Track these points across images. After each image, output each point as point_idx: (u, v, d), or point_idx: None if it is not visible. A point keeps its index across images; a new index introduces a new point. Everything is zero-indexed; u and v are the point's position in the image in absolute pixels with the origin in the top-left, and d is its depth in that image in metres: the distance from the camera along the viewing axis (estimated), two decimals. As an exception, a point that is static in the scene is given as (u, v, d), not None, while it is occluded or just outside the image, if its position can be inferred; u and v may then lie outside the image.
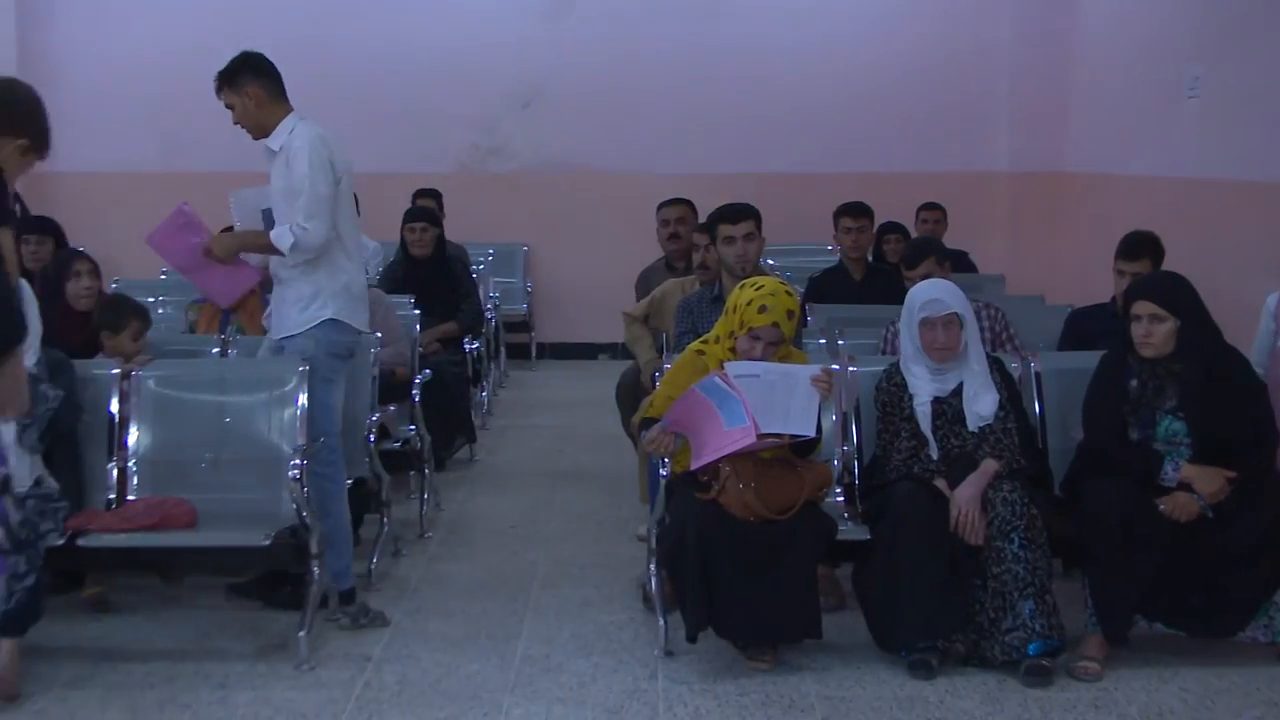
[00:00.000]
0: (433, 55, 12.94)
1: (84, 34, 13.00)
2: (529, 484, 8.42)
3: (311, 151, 5.85)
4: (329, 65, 12.89)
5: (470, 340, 9.34)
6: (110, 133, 12.89)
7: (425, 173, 12.28)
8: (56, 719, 4.97)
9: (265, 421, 5.95)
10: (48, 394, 5.51)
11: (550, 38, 13.01)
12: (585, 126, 13.02)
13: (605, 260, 12.64)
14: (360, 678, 5.33)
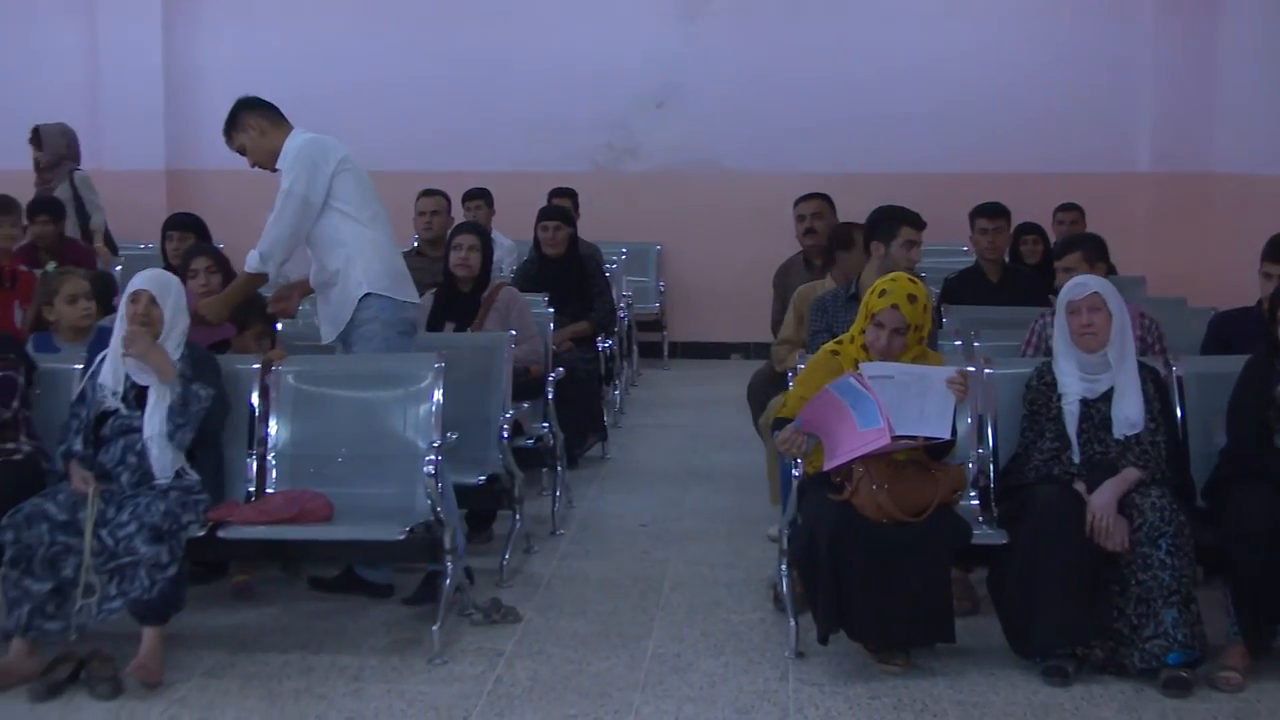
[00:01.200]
0: (569, 55, 13.00)
1: (226, 40, 13.27)
2: (660, 482, 8.43)
3: (298, 153, 6.18)
4: (465, 66, 13.04)
5: (603, 339, 9.37)
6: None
7: (560, 171, 12.34)
8: (196, 707, 5.05)
9: (400, 418, 6.00)
10: (199, 393, 5.61)
11: (685, 37, 13.03)
12: (719, 125, 13.01)
13: (738, 260, 12.62)
14: (492, 673, 5.36)
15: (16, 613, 5.23)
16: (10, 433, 5.76)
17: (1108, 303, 5.54)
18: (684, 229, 13.12)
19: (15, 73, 13.50)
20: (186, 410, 5.56)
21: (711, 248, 13.05)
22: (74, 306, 6.60)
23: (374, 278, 6.20)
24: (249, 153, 6.29)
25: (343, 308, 6.21)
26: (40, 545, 5.27)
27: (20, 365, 5.82)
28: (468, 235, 7.85)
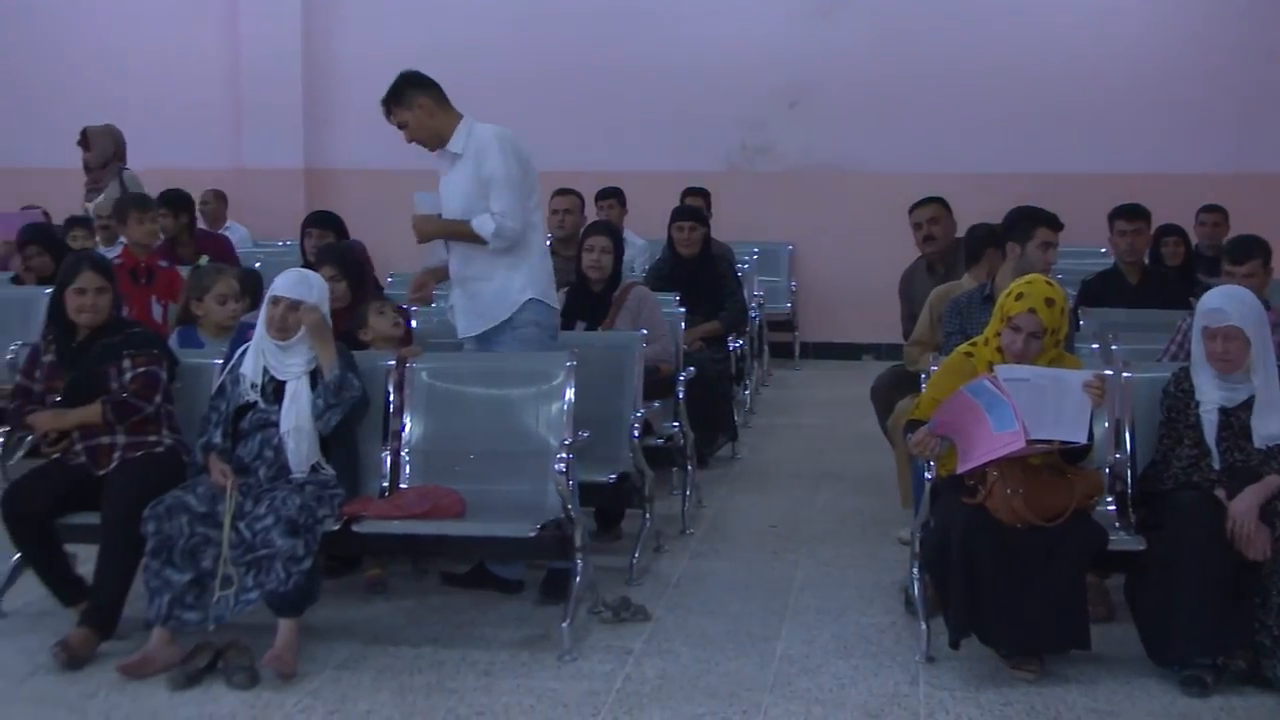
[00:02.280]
0: (703, 54, 13.02)
1: (365, 37, 13.45)
2: (790, 483, 8.40)
3: (500, 143, 6.14)
4: (600, 64, 13.09)
5: (734, 338, 9.35)
6: (392, 131, 13.26)
7: (693, 171, 12.35)
8: (329, 699, 5.12)
9: (533, 415, 6.04)
10: (353, 382, 5.70)
11: (819, 36, 12.98)
12: (853, 126, 12.95)
13: (871, 261, 12.52)
14: (621, 671, 5.37)
15: (157, 602, 5.33)
16: (152, 426, 5.87)
17: (1245, 331, 5.40)
18: (816, 229, 13.07)
19: (160, 72, 13.80)
20: (340, 394, 5.65)
21: (844, 248, 12.99)
22: (224, 307, 6.71)
23: (538, 283, 6.26)
24: (411, 130, 6.27)
25: (498, 307, 6.23)
26: (180, 537, 5.37)
27: (162, 360, 5.93)
28: (600, 237, 7.87)
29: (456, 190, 6.22)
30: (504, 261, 6.21)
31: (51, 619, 5.76)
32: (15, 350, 7.95)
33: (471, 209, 6.16)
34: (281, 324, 5.72)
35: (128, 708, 5.00)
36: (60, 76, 13.94)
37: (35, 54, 14.07)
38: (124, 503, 5.51)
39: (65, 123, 13.24)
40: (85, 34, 14.04)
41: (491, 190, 6.12)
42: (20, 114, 13.80)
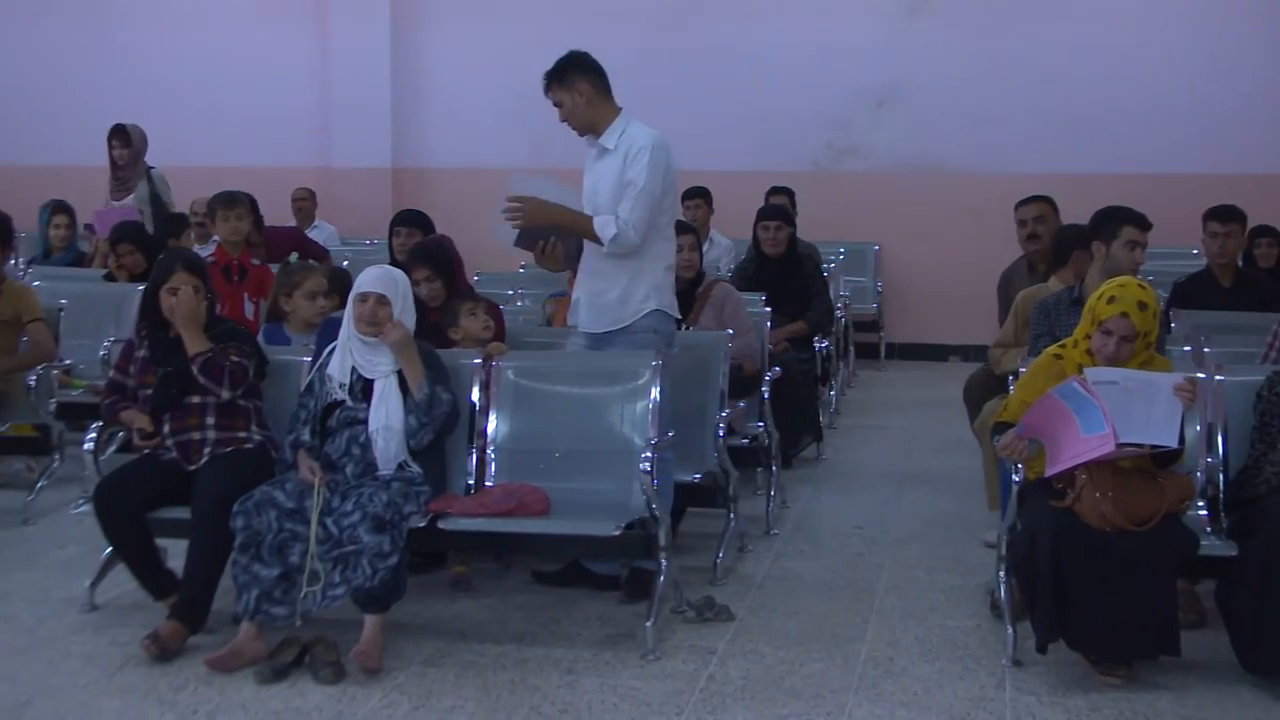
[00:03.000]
0: (789, 53, 12.99)
1: (454, 36, 13.52)
2: (875, 485, 8.36)
3: (654, 153, 6.08)
4: (686, 64, 13.11)
5: (820, 339, 9.32)
6: (479, 130, 13.38)
7: (779, 170, 12.34)
8: (414, 694, 5.15)
9: (618, 414, 6.04)
10: (441, 397, 5.74)
11: (906, 36, 12.92)
12: (940, 125, 12.87)
13: (958, 261, 12.47)
14: (704, 670, 5.37)
15: (245, 597, 5.39)
16: (241, 423, 5.94)
17: None
18: (903, 229, 13.01)
19: (252, 73, 13.95)
20: (431, 410, 5.69)
21: (930, 248, 12.92)
22: (312, 303, 6.78)
23: (662, 294, 6.24)
24: (565, 111, 6.20)
25: (620, 312, 6.19)
26: (269, 532, 5.42)
27: (251, 357, 5.99)
28: (687, 235, 7.87)
29: (602, 183, 6.18)
30: (629, 268, 6.16)
31: (142, 612, 5.84)
32: (108, 346, 8.08)
33: (613, 200, 6.12)
34: (372, 318, 5.76)
35: (216, 700, 5.06)
36: (152, 79, 14.12)
37: (127, 57, 14.27)
38: (213, 498, 5.57)
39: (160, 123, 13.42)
40: (176, 36, 14.21)
41: (626, 194, 6.08)
42: (112, 115, 13.96)
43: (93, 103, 13.67)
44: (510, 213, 6.15)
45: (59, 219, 10.49)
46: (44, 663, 5.43)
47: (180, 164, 13.37)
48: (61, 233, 10.44)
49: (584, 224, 6.15)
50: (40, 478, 7.69)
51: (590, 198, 6.24)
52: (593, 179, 6.26)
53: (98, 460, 6.02)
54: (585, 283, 6.30)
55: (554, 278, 8.10)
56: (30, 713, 4.97)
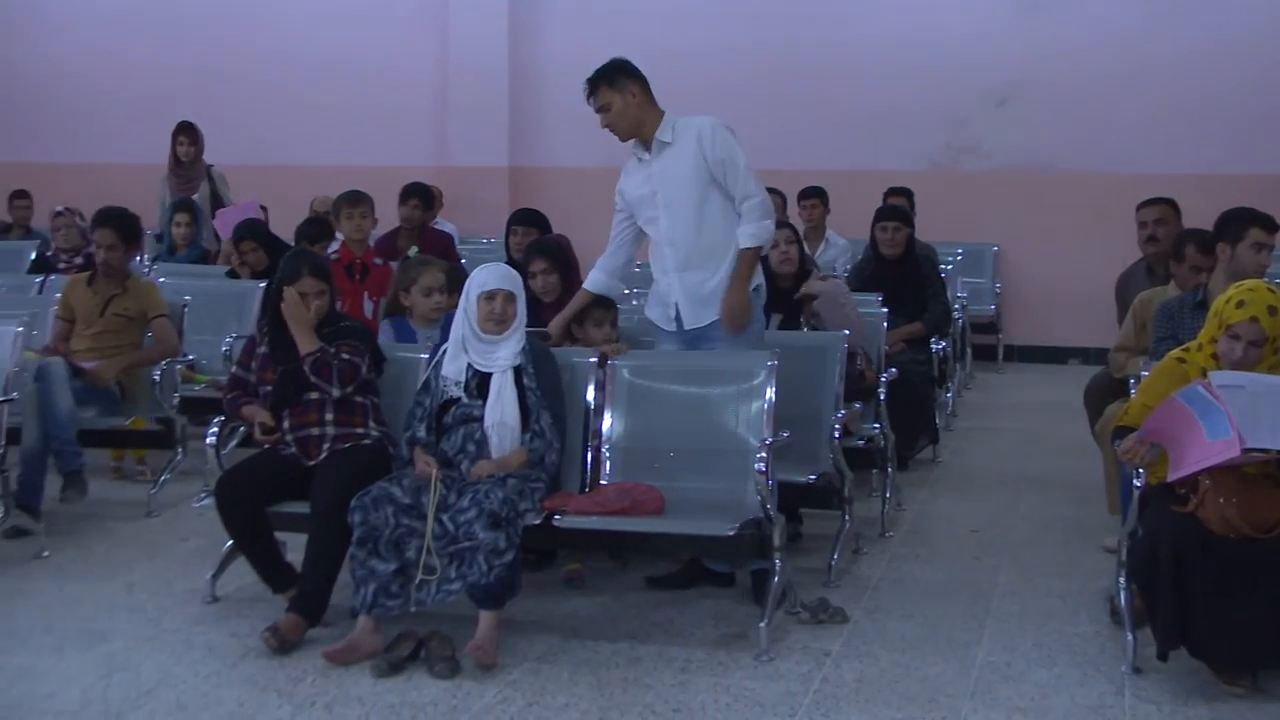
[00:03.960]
0: (908, 52, 12.90)
1: (569, 37, 13.57)
2: (993, 488, 8.27)
3: (725, 130, 6.16)
4: (803, 63, 13.06)
5: (937, 340, 9.24)
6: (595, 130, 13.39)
7: (896, 170, 12.27)
8: (528, 690, 5.17)
9: (733, 414, 6.03)
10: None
11: (1027, 34, 12.77)
12: (1062, 124, 12.72)
13: (1078, 262, 12.32)
14: (818, 672, 5.34)
15: (363, 591, 5.45)
16: (359, 419, 6.00)
17: None
18: (1023, 230, 12.87)
19: (372, 71, 14.10)
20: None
21: (1051, 250, 12.77)
22: (428, 299, 6.84)
23: (756, 281, 6.27)
24: (613, 114, 6.25)
25: (714, 310, 6.21)
26: (386, 527, 5.47)
27: (366, 354, 6.04)
28: (785, 230, 7.85)
29: (675, 173, 6.17)
30: (722, 253, 6.17)
31: (262, 605, 5.93)
32: (230, 343, 8.21)
33: (696, 190, 6.12)
34: (502, 316, 5.80)
35: (334, 693, 5.11)
36: (274, 79, 14.32)
37: (248, 56, 14.47)
38: (332, 493, 5.63)
39: (280, 122, 13.67)
40: (296, 36, 14.40)
41: (729, 173, 6.11)
42: (233, 114, 14.20)
43: (215, 103, 13.91)
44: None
45: (181, 216, 10.67)
46: (167, 653, 5.53)
47: (300, 163, 13.62)
48: (184, 230, 10.62)
49: (748, 263, 6.17)
50: (164, 471, 7.82)
51: (668, 189, 6.21)
52: (663, 174, 6.22)
53: (219, 455, 6.12)
54: (677, 280, 6.26)
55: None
56: (153, 701, 5.06)
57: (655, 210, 6.25)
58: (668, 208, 6.21)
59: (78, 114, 14.76)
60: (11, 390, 6.83)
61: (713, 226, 6.18)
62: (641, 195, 6.30)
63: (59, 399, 7.18)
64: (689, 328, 6.30)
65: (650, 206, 6.27)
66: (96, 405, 7.59)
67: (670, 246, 6.24)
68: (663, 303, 6.37)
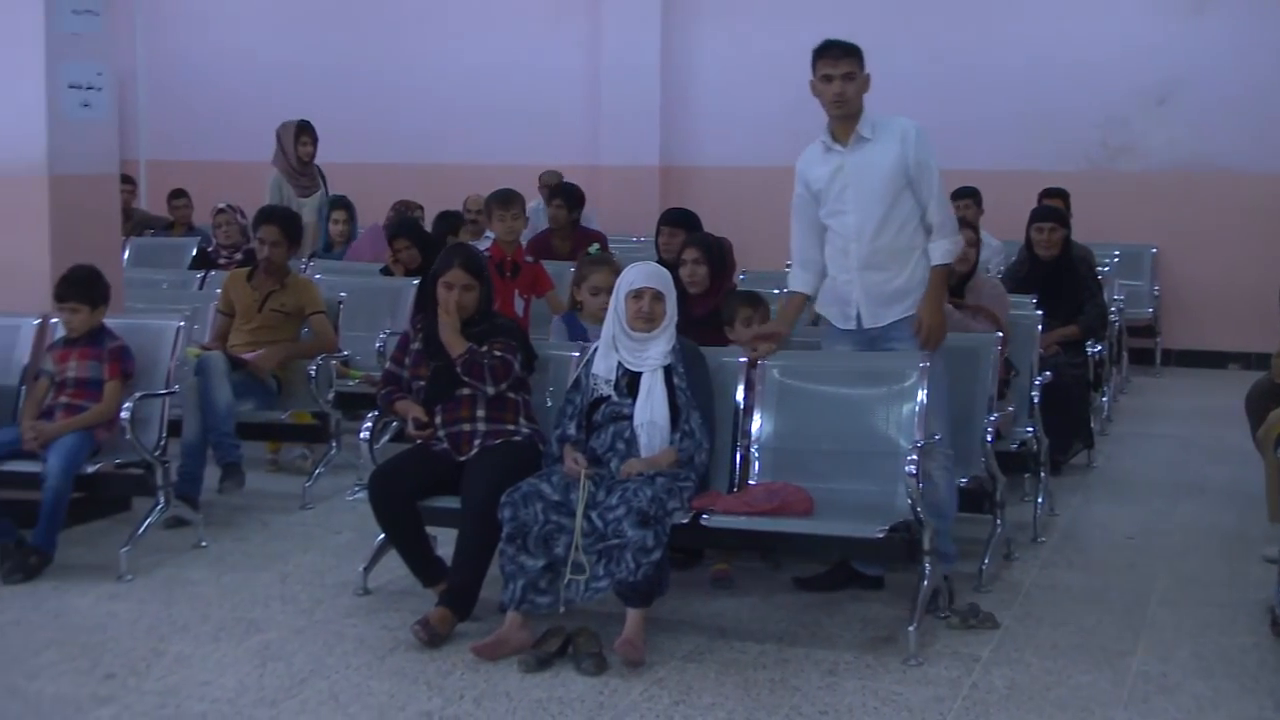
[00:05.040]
0: (1064, 50, 12.72)
1: (724, 34, 13.56)
2: (1148, 494, 8.11)
3: (925, 135, 6.11)
4: (958, 60, 12.92)
5: (1092, 344, 9.08)
6: (746, 129, 13.39)
7: (1051, 170, 12.09)
8: (675, 688, 5.17)
9: (883, 415, 5.98)
10: (698, 458, 5.80)
11: (1189, 31, 12.51)
12: (1223, 124, 12.44)
13: (1240, 265, 12.05)
14: (968, 678, 5.27)
15: (511, 587, 5.49)
16: (510, 416, 6.04)
17: None
18: (1182, 231, 12.60)
19: (524, 71, 14.21)
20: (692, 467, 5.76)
21: (1211, 251, 12.48)
22: (595, 298, 6.86)
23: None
24: (854, 88, 6.14)
25: (909, 298, 6.10)
26: (535, 524, 5.51)
27: (518, 351, 6.08)
28: (966, 230, 7.75)
29: (873, 170, 6.07)
30: (911, 252, 6.09)
31: (412, 598, 5.99)
32: (384, 339, 8.32)
33: (891, 190, 6.04)
34: (650, 314, 5.81)
35: (482, 687, 5.16)
36: (428, 79, 14.50)
37: (404, 57, 14.66)
38: (483, 489, 5.68)
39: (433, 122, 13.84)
40: (451, 36, 14.55)
41: (923, 177, 6.05)
42: (390, 114, 14.41)
43: (372, 104, 14.13)
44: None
45: (338, 214, 10.84)
46: (319, 643, 5.61)
47: (452, 161, 13.77)
48: (341, 228, 10.78)
49: (942, 281, 6.15)
50: (318, 465, 7.95)
51: (863, 184, 6.10)
52: (860, 168, 6.10)
53: (373, 449, 6.21)
54: (859, 279, 6.14)
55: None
56: (306, 691, 5.14)
57: (844, 205, 6.13)
58: (859, 204, 6.10)
59: (234, 113, 15.05)
60: (173, 383, 6.98)
61: (900, 228, 6.08)
62: (829, 187, 6.19)
63: (218, 392, 7.34)
64: (868, 327, 6.19)
65: (838, 200, 6.15)
66: (254, 399, 7.75)
67: (856, 243, 6.12)
68: (840, 301, 6.24)
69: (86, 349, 6.73)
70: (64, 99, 7.25)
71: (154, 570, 6.52)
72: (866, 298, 6.15)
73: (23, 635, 5.70)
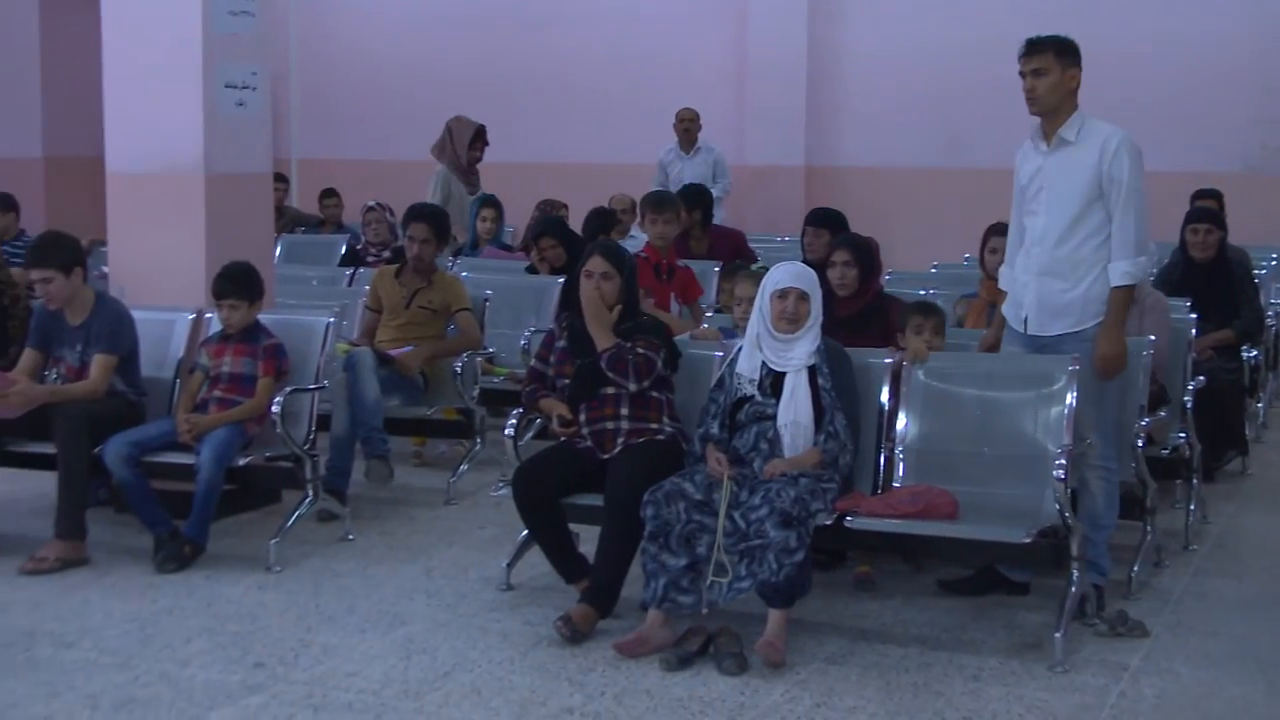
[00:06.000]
0: (1221, 48, 12.43)
1: (871, 31, 13.48)
2: (1307, 503, 7.93)
3: (1131, 149, 5.93)
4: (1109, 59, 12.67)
5: (1248, 348, 8.88)
6: (894, 129, 13.30)
7: (1205, 171, 11.83)
8: (816, 690, 5.15)
9: (1031, 419, 5.90)
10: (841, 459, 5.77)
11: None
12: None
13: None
14: (1115, 686, 5.18)
15: (653, 585, 5.49)
16: (654, 414, 6.05)
17: None
18: (1344, 234, 12.27)
19: (668, 69, 14.24)
20: (836, 468, 5.72)
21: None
22: (738, 308, 6.85)
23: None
24: (1044, 85, 5.99)
25: (1085, 312, 5.97)
26: (677, 522, 5.51)
27: (662, 349, 6.08)
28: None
29: (1068, 175, 5.95)
30: (1098, 263, 5.94)
31: (554, 594, 6.03)
32: (528, 336, 8.38)
33: (1083, 199, 5.91)
34: (794, 315, 5.79)
35: (623, 684, 5.17)
36: (573, 79, 14.59)
37: (549, 57, 14.76)
38: (625, 487, 5.69)
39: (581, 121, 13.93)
40: (597, 38, 14.63)
41: (1114, 193, 5.88)
42: (534, 113, 14.52)
43: (516, 103, 14.24)
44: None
45: (487, 212, 10.94)
46: (463, 637, 5.67)
47: (597, 160, 13.82)
48: (489, 225, 10.88)
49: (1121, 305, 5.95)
50: (463, 460, 8.03)
51: (1055, 187, 5.99)
52: (1056, 171, 5.99)
53: (517, 446, 6.25)
54: (1034, 284, 6.03)
55: (967, 277, 7.95)
56: (450, 684, 5.19)
57: (1038, 206, 6.04)
58: (1049, 208, 5.99)
59: (383, 113, 15.26)
60: (322, 379, 7.09)
61: (1085, 239, 5.94)
62: (1029, 186, 6.10)
63: (367, 387, 7.44)
64: (1034, 334, 6.09)
65: (1034, 201, 6.06)
66: (401, 394, 7.84)
67: (1039, 247, 6.02)
68: (1015, 302, 6.15)
69: (241, 345, 6.85)
70: (220, 99, 7.38)
71: (302, 561, 6.63)
72: (1037, 304, 6.04)
73: (176, 623, 5.83)
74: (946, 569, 6.34)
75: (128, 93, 7.45)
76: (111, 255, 7.69)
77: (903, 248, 11.04)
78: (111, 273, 7.69)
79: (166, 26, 7.31)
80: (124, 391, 6.89)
